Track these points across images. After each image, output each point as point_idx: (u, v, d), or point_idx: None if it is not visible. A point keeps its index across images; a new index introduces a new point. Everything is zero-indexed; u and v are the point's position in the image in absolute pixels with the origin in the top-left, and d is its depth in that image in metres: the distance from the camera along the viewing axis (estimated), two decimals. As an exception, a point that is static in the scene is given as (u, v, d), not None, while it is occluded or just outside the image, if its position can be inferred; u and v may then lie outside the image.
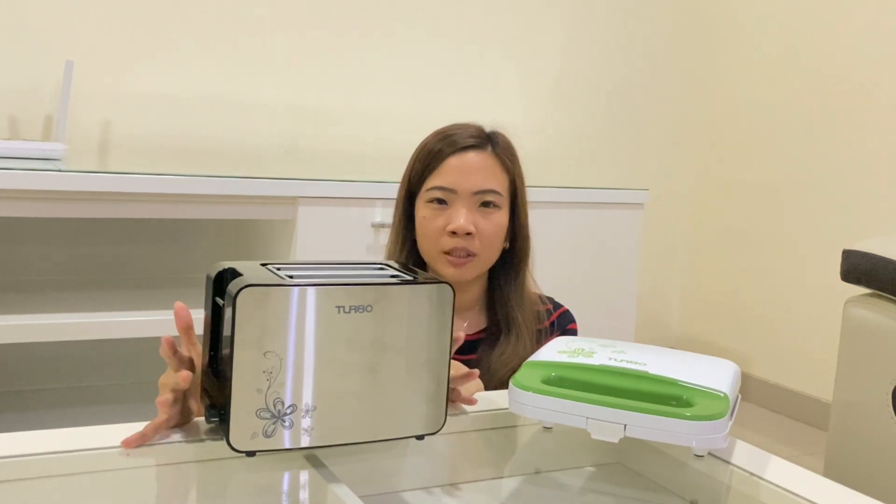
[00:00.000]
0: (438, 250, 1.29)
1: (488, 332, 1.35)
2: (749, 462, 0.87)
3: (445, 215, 1.29)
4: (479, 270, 1.32)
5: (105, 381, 2.28)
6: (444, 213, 1.29)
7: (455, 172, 1.29)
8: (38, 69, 2.23)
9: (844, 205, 2.76)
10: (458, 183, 1.29)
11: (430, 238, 1.30)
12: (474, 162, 1.30)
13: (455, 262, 1.28)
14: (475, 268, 1.31)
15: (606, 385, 0.87)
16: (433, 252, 1.30)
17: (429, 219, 1.30)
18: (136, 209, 1.86)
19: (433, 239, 1.29)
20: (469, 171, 1.29)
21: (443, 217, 1.29)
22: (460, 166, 1.29)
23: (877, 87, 2.68)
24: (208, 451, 0.81)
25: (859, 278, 1.70)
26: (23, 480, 0.75)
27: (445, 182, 1.29)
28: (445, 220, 1.28)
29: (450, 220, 1.28)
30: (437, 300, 0.82)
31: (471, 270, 1.30)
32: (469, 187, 1.29)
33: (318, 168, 2.50)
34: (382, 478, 0.91)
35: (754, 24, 3.09)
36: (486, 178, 1.30)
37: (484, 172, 1.30)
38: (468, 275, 1.30)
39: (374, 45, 2.66)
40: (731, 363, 0.96)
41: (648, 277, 3.15)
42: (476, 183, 1.29)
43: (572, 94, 3.03)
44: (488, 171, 1.30)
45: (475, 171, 1.29)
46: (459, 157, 1.30)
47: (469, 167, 1.29)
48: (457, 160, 1.30)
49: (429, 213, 1.30)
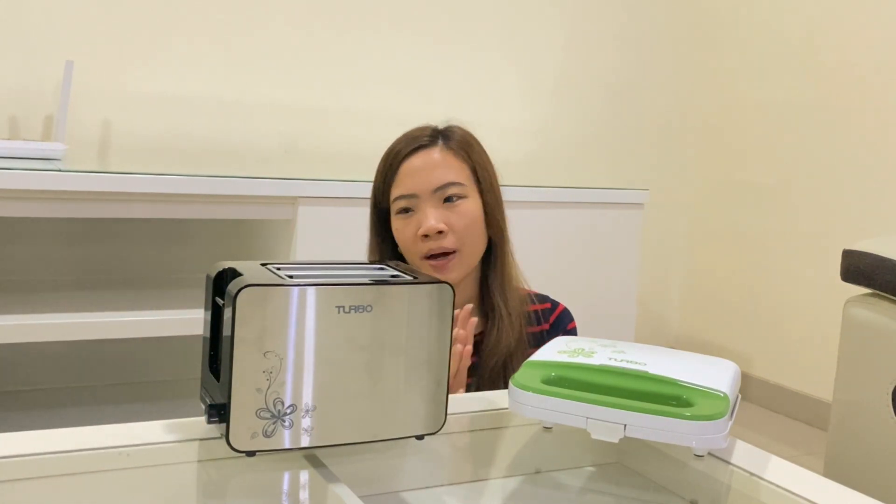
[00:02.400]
0: (419, 257, 1.29)
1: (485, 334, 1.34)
2: (749, 462, 0.87)
3: (415, 221, 1.29)
4: (466, 267, 1.31)
5: (105, 381, 2.28)
6: (413, 218, 1.29)
7: (410, 176, 1.30)
8: (38, 69, 2.23)
9: (844, 205, 2.76)
10: (416, 185, 1.29)
11: (407, 247, 1.30)
12: (426, 161, 1.30)
13: (436, 265, 1.28)
14: (459, 265, 1.30)
15: (606, 385, 0.87)
16: (415, 260, 1.30)
17: (401, 229, 1.31)
18: (136, 209, 1.86)
19: (410, 247, 1.30)
20: (422, 171, 1.29)
21: (413, 223, 1.29)
22: (412, 170, 1.30)
23: (877, 86, 2.67)
24: (208, 451, 0.81)
25: (859, 278, 1.70)
26: (23, 480, 0.75)
27: (404, 189, 1.30)
28: (416, 225, 1.29)
29: (419, 224, 1.28)
30: (438, 300, 0.82)
31: (455, 269, 1.29)
32: (427, 187, 1.29)
33: (318, 168, 2.50)
34: (382, 478, 0.91)
35: (754, 25, 3.09)
36: (443, 172, 1.30)
37: (438, 168, 1.30)
38: (453, 274, 1.29)
39: (374, 44, 2.66)
40: (731, 363, 0.95)
41: (648, 277, 3.15)
42: (433, 180, 1.29)
43: (572, 94, 3.03)
44: (441, 165, 1.30)
45: (428, 170, 1.29)
46: (410, 160, 1.30)
47: (421, 167, 1.30)
48: (408, 164, 1.30)
49: (400, 224, 1.31)
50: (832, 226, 2.79)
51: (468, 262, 1.31)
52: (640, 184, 2.79)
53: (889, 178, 2.63)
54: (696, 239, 3.32)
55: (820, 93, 2.85)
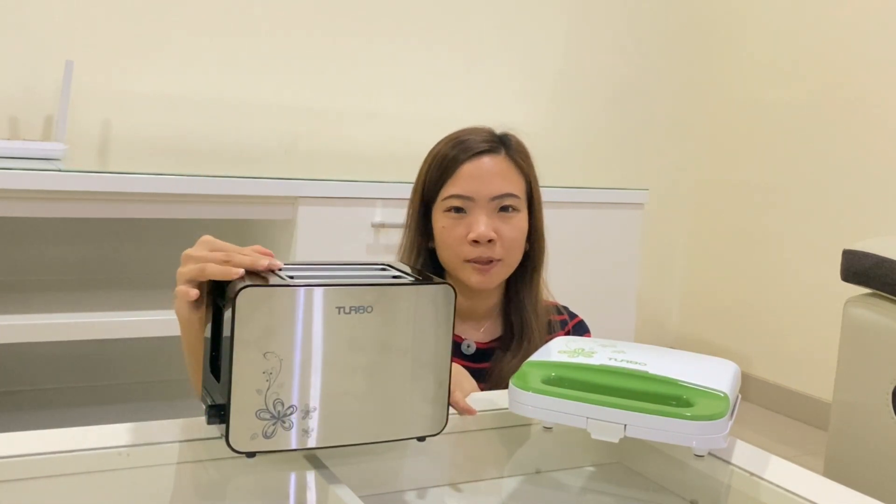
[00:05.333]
0: (461, 259, 1.27)
1: (502, 340, 1.33)
2: (749, 462, 0.87)
3: (465, 223, 1.26)
4: (504, 276, 1.30)
5: (105, 381, 2.28)
6: (463, 221, 1.27)
7: (471, 179, 1.27)
8: (38, 69, 2.23)
9: (844, 205, 2.76)
10: (476, 190, 1.26)
11: (451, 247, 1.27)
12: (490, 167, 1.27)
13: (481, 268, 1.26)
14: (500, 273, 1.29)
15: (606, 385, 0.87)
16: (455, 261, 1.28)
17: (448, 228, 1.27)
18: (136, 209, 1.86)
19: (454, 248, 1.27)
20: (485, 177, 1.27)
21: (462, 225, 1.26)
22: (476, 172, 1.27)
23: (877, 87, 2.67)
24: (208, 451, 0.81)
25: (859, 278, 1.70)
26: (23, 480, 0.75)
27: (462, 190, 1.26)
28: (465, 228, 1.26)
29: (470, 229, 1.25)
30: (439, 301, 0.82)
31: (496, 276, 1.28)
32: (487, 193, 1.26)
33: (318, 168, 2.50)
34: (383, 478, 0.91)
35: (755, 25, 3.09)
36: (503, 182, 1.28)
37: (500, 177, 1.28)
38: (494, 281, 1.28)
39: (374, 45, 2.66)
40: (731, 363, 0.96)
41: (648, 277, 3.15)
42: (493, 188, 1.26)
43: (573, 95, 3.03)
44: (504, 175, 1.28)
45: (492, 177, 1.27)
46: (474, 162, 1.27)
47: (485, 173, 1.27)
48: (472, 166, 1.27)
49: (448, 223, 1.28)
50: (832, 226, 2.79)
51: (507, 273, 1.30)
52: (640, 184, 2.79)
53: (889, 178, 2.63)
54: (696, 239, 3.32)
55: (820, 93, 2.85)
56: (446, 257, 1.30)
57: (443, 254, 1.30)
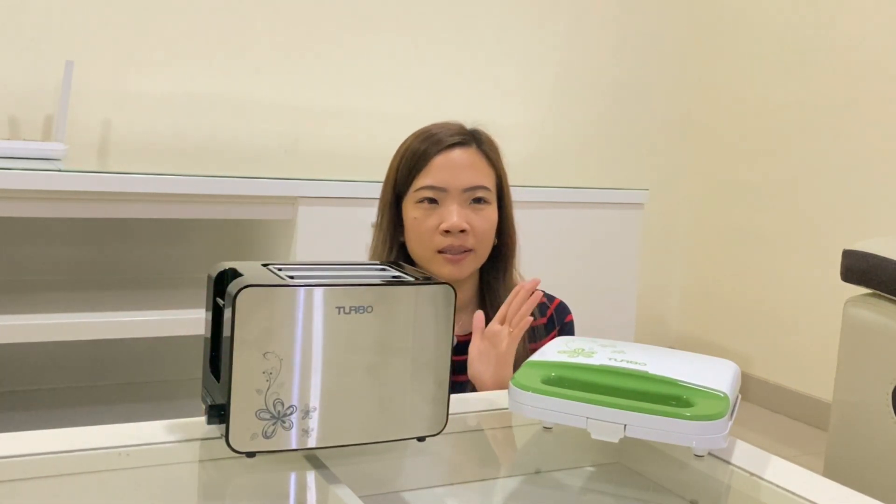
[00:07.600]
0: (432, 250, 1.29)
1: None
2: (749, 462, 0.87)
3: (437, 214, 1.29)
4: (475, 266, 1.33)
5: (105, 381, 2.28)
6: (435, 212, 1.29)
7: (444, 170, 1.29)
8: (38, 69, 2.23)
9: (844, 205, 2.76)
10: (448, 181, 1.29)
11: (422, 238, 1.30)
12: (462, 159, 1.31)
13: (452, 258, 1.28)
14: (472, 263, 1.31)
15: (606, 385, 0.87)
16: (426, 252, 1.30)
17: (420, 219, 1.30)
18: (136, 209, 1.86)
19: (426, 238, 1.29)
20: (458, 169, 1.29)
21: (435, 216, 1.29)
22: (448, 164, 1.30)
23: (877, 87, 2.67)
24: (208, 451, 0.81)
25: (859, 278, 1.70)
26: (23, 480, 0.75)
27: (435, 181, 1.29)
28: (438, 218, 1.28)
29: (443, 219, 1.28)
30: (438, 301, 0.82)
31: (468, 266, 1.30)
32: (459, 185, 1.29)
33: (318, 168, 2.50)
34: (383, 478, 0.91)
35: (754, 24, 3.09)
36: (476, 174, 1.31)
37: (473, 169, 1.31)
38: (466, 271, 1.31)
39: (374, 44, 2.66)
40: (731, 363, 0.96)
41: (648, 277, 3.15)
42: (466, 180, 1.29)
43: (572, 94, 3.03)
44: (476, 167, 1.31)
45: (464, 169, 1.30)
46: (446, 155, 1.30)
47: (457, 165, 1.30)
48: (444, 158, 1.30)
49: (420, 214, 1.30)
50: (832, 226, 2.79)
51: (478, 264, 1.33)
52: (641, 184, 2.79)
53: (889, 178, 2.63)
54: (696, 239, 3.32)
55: (820, 93, 2.85)
56: (418, 249, 1.31)
57: (414, 246, 1.32)
